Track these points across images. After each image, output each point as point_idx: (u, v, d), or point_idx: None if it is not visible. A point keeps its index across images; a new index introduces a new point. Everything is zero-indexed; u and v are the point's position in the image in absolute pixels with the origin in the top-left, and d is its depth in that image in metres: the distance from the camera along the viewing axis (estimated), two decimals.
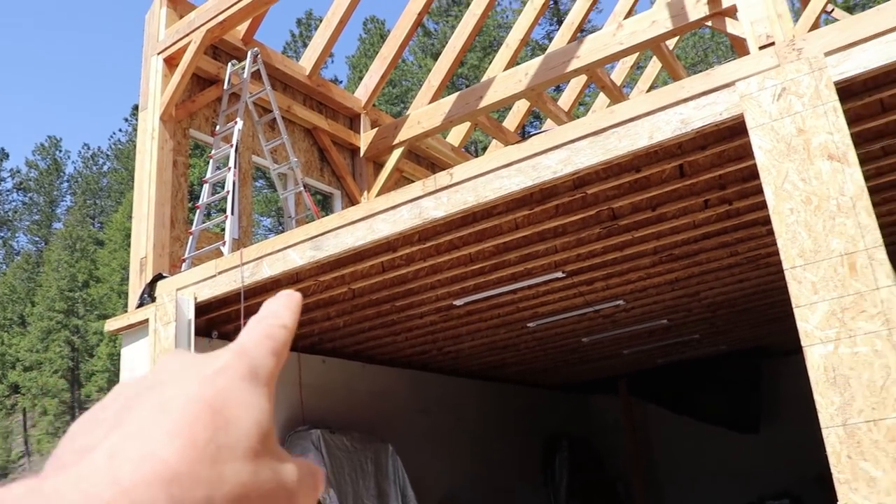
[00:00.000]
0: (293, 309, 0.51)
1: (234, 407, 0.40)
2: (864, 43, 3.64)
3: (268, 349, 0.46)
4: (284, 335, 0.48)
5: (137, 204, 7.28)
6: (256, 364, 0.44)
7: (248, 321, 0.49)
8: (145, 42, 7.95)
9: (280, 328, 0.48)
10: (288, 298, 0.51)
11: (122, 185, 50.14)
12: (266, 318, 0.49)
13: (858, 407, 3.28)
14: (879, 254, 3.39)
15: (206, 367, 0.43)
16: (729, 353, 12.10)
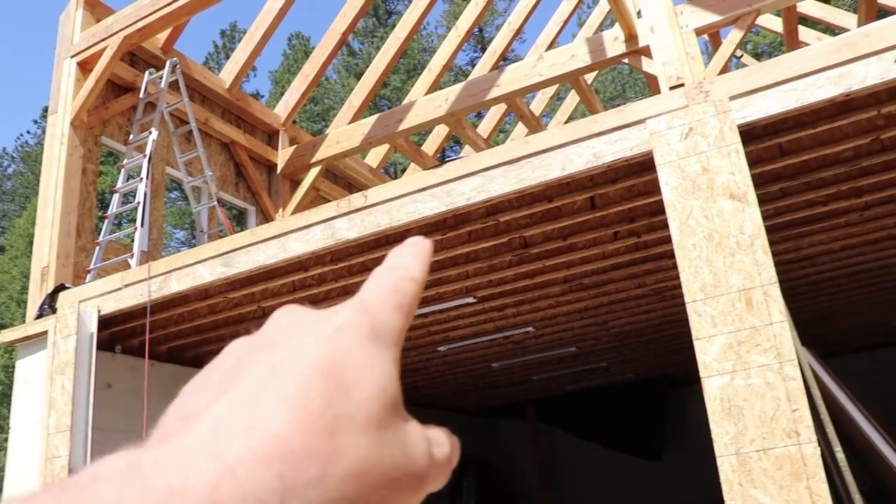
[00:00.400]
0: (423, 259, 0.45)
1: (355, 371, 0.36)
2: (765, 90, 3.82)
3: (394, 305, 0.41)
4: (413, 289, 0.42)
5: (42, 210, 7.05)
6: (381, 322, 0.39)
7: (374, 271, 0.44)
8: (59, 43, 7.74)
9: (408, 280, 0.43)
10: (417, 247, 0.46)
11: (27, 189, 48.35)
12: (393, 268, 0.43)
13: (750, 437, 3.41)
14: (774, 290, 3.55)
15: (323, 325, 0.39)
16: (636, 381, 12.36)
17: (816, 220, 5.59)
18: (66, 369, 5.74)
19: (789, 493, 3.26)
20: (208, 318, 6.44)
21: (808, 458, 3.27)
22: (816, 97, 3.73)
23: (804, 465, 3.27)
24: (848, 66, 3.69)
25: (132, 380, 6.66)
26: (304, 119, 36.48)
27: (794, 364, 3.42)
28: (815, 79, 3.75)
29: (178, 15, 7.05)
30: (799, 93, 3.78)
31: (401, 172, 29.39)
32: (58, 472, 5.45)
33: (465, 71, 35.52)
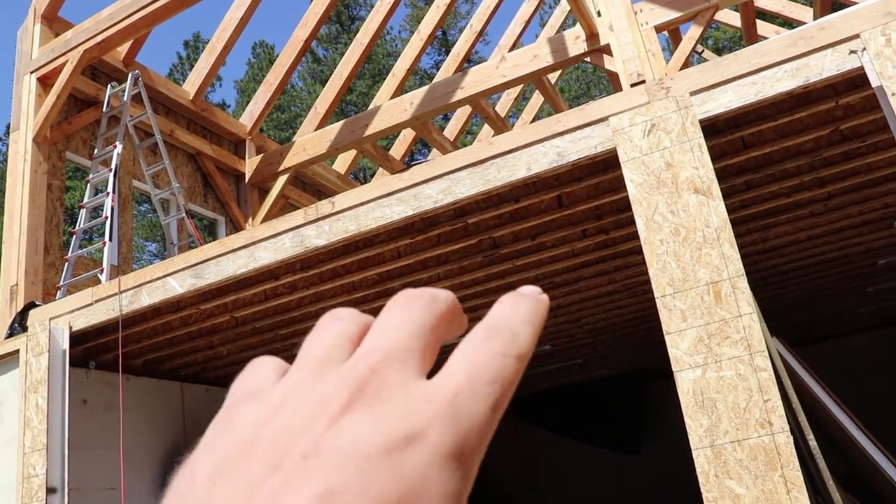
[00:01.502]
0: (537, 324, 0.36)
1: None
2: (725, 85, 3.86)
3: (489, 403, 0.32)
4: (516, 372, 0.33)
5: (8, 228, 6.96)
6: (468, 434, 0.30)
7: (472, 332, 0.34)
8: (17, 59, 7.64)
9: (513, 360, 0.33)
10: (533, 305, 0.36)
11: None
12: (498, 336, 0.34)
13: (724, 428, 3.44)
14: (741, 283, 3.59)
15: (383, 419, 0.29)
16: (612, 376, 12.44)
17: (781, 211, 5.66)
18: (40, 387, 5.68)
19: (764, 483, 3.30)
20: (182, 329, 6.40)
21: (782, 448, 3.31)
22: (775, 90, 3.78)
23: (778, 454, 3.31)
24: (805, 59, 3.74)
25: (108, 395, 6.60)
26: (271, 127, 36.33)
27: (765, 355, 3.46)
28: (774, 72, 3.81)
29: (138, 27, 6.99)
30: (758, 86, 3.83)
31: (370, 177, 29.35)
32: (35, 490, 5.38)
33: (430, 74, 35.56)
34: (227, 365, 7.77)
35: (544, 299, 0.38)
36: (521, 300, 0.37)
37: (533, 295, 0.37)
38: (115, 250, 6.89)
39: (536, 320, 0.36)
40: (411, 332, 0.33)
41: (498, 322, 0.35)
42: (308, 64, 39.17)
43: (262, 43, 40.32)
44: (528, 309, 0.36)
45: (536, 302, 0.37)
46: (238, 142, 10.01)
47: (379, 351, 0.32)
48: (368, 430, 0.28)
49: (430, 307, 0.35)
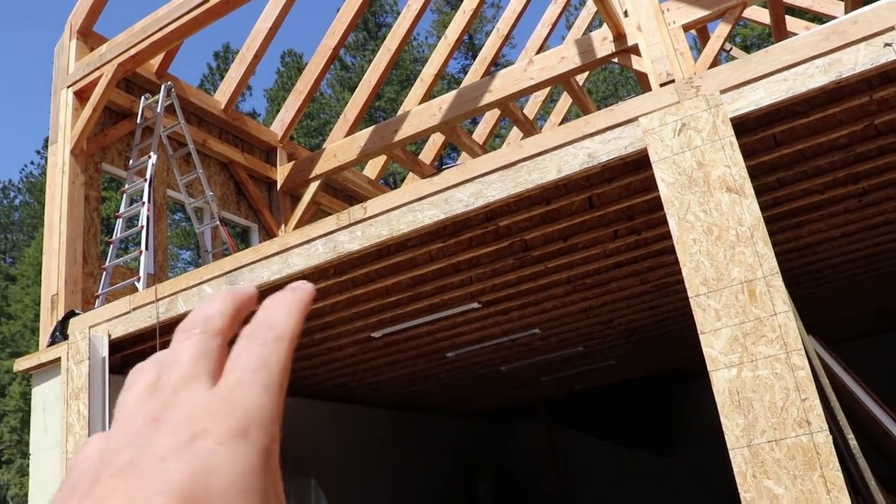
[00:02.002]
0: (295, 309, 0.43)
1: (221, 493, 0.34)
2: (755, 82, 3.85)
3: (261, 386, 0.38)
4: (282, 354, 0.40)
5: (48, 240, 7.10)
6: (248, 414, 0.37)
7: (240, 334, 0.41)
8: (55, 75, 7.80)
9: (274, 345, 0.40)
10: (293, 296, 0.43)
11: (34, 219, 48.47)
12: (256, 332, 0.41)
13: (761, 428, 3.42)
14: (776, 281, 3.57)
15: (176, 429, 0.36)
16: (644, 377, 12.37)
17: (815, 208, 5.61)
18: (81, 394, 5.78)
19: (804, 483, 3.27)
20: None
21: (821, 447, 3.28)
22: (807, 86, 3.76)
23: (817, 453, 3.29)
24: (837, 54, 3.72)
25: None
26: (301, 135, 36.58)
27: (801, 353, 3.44)
28: (805, 68, 3.78)
29: (170, 40, 7.10)
30: (790, 83, 3.80)
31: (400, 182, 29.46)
32: None
33: (458, 78, 35.61)
34: None
35: (302, 285, 0.45)
36: (279, 294, 0.44)
37: (294, 286, 0.44)
38: (151, 259, 7.00)
39: (294, 306, 0.43)
40: (192, 359, 0.40)
41: (257, 319, 0.42)
42: (336, 71, 39.42)
43: (291, 52, 40.64)
44: (285, 298, 0.43)
45: (293, 290, 0.44)
46: (269, 150, 10.11)
47: (170, 382, 0.39)
48: (165, 439, 0.36)
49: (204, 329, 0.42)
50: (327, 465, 9.01)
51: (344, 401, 9.88)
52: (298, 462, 8.41)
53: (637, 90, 28.76)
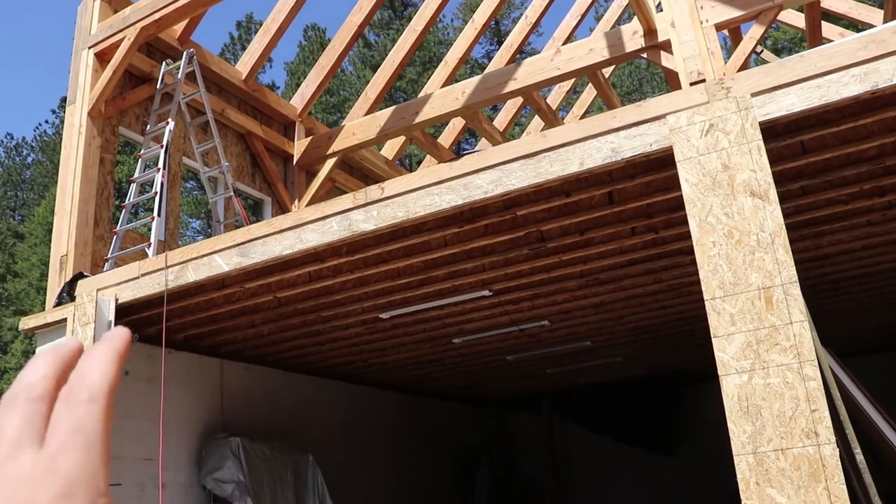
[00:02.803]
0: (110, 362, 0.44)
1: None
2: (787, 87, 3.77)
3: (80, 449, 0.40)
4: (96, 413, 0.41)
5: (60, 200, 7.08)
6: (69, 477, 0.39)
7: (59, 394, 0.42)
8: (76, 34, 7.75)
9: (89, 405, 0.42)
10: (105, 347, 0.44)
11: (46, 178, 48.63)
12: (72, 394, 0.42)
13: (768, 436, 3.38)
14: (794, 289, 3.51)
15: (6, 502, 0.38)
16: (651, 376, 12.33)
17: (837, 218, 5.53)
18: None
19: (807, 494, 3.23)
20: (224, 307, 6.45)
21: (827, 459, 3.24)
22: (841, 95, 3.68)
23: (823, 465, 3.24)
24: (875, 63, 3.64)
25: (150, 367, 6.70)
26: (319, 110, 36.53)
27: (814, 364, 3.39)
28: (841, 76, 3.71)
29: (195, 6, 7.05)
30: (823, 90, 3.73)
31: (416, 164, 29.38)
32: None
33: (482, 64, 35.45)
34: (267, 344, 7.83)
35: (117, 333, 0.46)
36: (94, 349, 0.44)
37: (108, 336, 0.45)
38: (162, 226, 6.98)
39: (110, 357, 0.44)
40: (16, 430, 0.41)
41: (72, 381, 0.43)
42: (359, 49, 39.30)
43: (315, 26, 40.53)
44: (100, 353, 0.44)
45: (110, 341, 0.45)
46: (288, 124, 10.06)
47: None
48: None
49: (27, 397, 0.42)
50: (327, 443, 9.02)
51: (347, 379, 9.88)
52: (298, 438, 8.42)
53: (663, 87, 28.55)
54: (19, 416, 0.42)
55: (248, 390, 8.16)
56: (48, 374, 0.44)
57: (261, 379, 8.41)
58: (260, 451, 7.53)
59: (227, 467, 7.09)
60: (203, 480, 7.15)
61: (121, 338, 0.45)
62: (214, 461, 7.16)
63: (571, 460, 13.97)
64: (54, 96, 76.58)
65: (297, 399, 8.95)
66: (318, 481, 8.19)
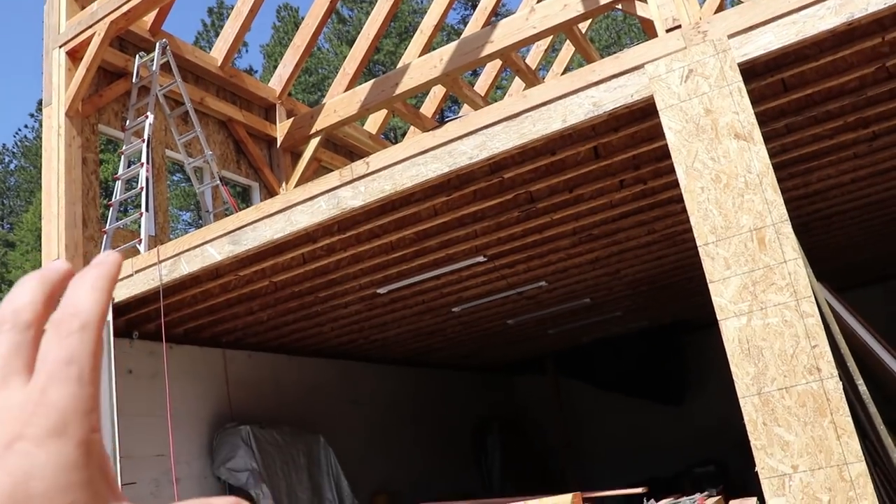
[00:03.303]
0: (101, 287, 0.42)
1: (43, 493, 0.34)
2: (764, 26, 3.75)
3: (73, 380, 0.38)
4: (89, 342, 0.40)
5: (46, 204, 7.04)
6: (62, 410, 0.37)
7: (49, 320, 0.41)
8: (45, 34, 7.66)
9: (81, 334, 0.40)
10: (95, 273, 0.42)
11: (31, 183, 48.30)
12: (62, 322, 0.40)
13: (772, 376, 3.40)
14: (786, 228, 3.52)
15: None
16: (652, 328, 12.37)
17: (824, 153, 5.52)
18: None
19: (814, 429, 3.26)
20: (221, 297, 6.45)
21: (831, 394, 3.26)
22: (817, 28, 3.66)
23: (827, 400, 3.27)
24: None
25: (152, 364, 6.71)
26: (299, 91, 36.27)
27: (811, 300, 3.40)
28: (816, 10, 3.68)
29: None
30: (799, 25, 3.71)
31: (401, 136, 29.25)
32: None
33: (458, 30, 35.16)
34: (267, 330, 7.84)
35: (110, 258, 0.43)
36: (85, 272, 0.42)
37: (98, 261, 0.43)
38: (151, 221, 6.94)
39: (101, 283, 0.41)
40: (4, 358, 0.39)
41: (62, 307, 0.41)
42: (334, 25, 38.95)
43: (287, 6, 40.13)
44: (90, 277, 0.42)
45: (100, 266, 0.42)
46: (268, 107, 9.99)
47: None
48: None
49: (15, 323, 0.41)
50: (337, 423, 9.06)
51: (351, 358, 9.90)
52: (307, 420, 8.46)
53: (641, 38, 28.39)
54: (6, 343, 0.40)
55: (254, 378, 8.18)
56: (36, 300, 0.42)
57: (265, 365, 8.43)
58: (271, 436, 7.57)
59: (240, 456, 7.13)
60: (216, 471, 7.19)
61: (111, 262, 0.43)
62: (226, 451, 7.19)
63: (580, 418, 14.06)
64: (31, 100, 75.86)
65: (303, 382, 8.98)
66: (332, 461, 8.24)
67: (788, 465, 3.29)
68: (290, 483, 7.55)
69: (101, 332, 0.40)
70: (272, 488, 7.18)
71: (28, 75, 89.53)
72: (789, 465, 3.29)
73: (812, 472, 3.22)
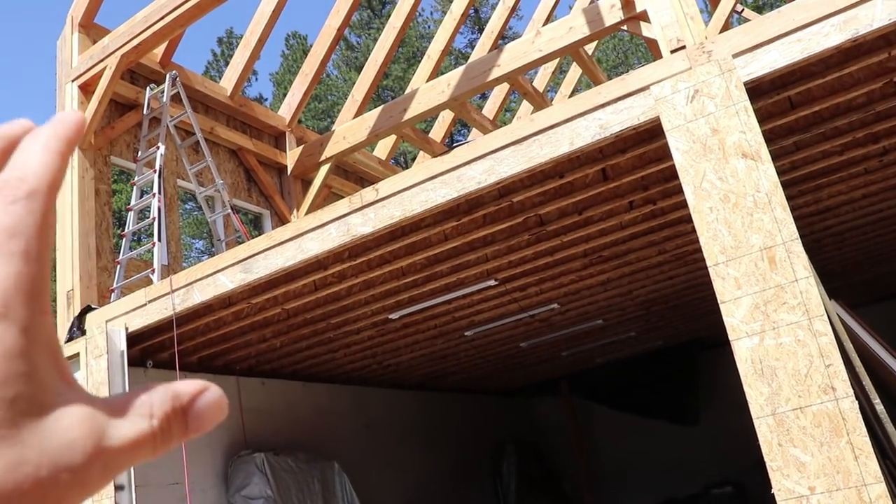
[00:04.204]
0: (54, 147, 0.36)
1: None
2: (768, 45, 3.75)
3: (17, 256, 0.33)
4: (37, 210, 0.34)
5: (60, 236, 7.10)
6: (3, 290, 0.33)
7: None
8: (58, 69, 7.76)
9: (27, 202, 0.34)
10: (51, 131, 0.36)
11: None
12: (7, 185, 0.34)
13: (786, 396, 3.37)
14: (796, 246, 3.50)
15: None
16: (666, 347, 12.30)
17: (834, 170, 5.51)
18: (101, 388, 5.80)
19: (830, 450, 3.22)
20: (234, 324, 6.46)
21: (847, 413, 3.23)
22: (823, 45, 3.66)
23: (843, 420, 3.23)
24: (853, 11, 3.61)
25: None
26: (309, 118, 36.49)
27: (824, 319, 3.38)
28: (821, 27, 3.68)
29: (172, 28, 7.05)
30: (804, 43, 3.71)
31: (411, 161, 29.36)
32: (105, 490, 5.51)
33: (465, 54, 35.37)
34: (281, 357, 7.84)
35: (70, 116, 0.37)
36: (39, 131, 0.36)
37: (56, 119, 0.36)
38: (164, 250, 6.98)
39: (57, 144, 0.35)
40: None
41: (9, 166, 0.35)
42: (342, 52, 39.23)
43: (295, 34, 40.45)
44: (45, 136, 0.35)
45: (57, 124, 0.36)
46: (278, 135, 10.06)
47: None
48: None
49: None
50: (351, 449, 9.04)
51: (365, 383, 9.88)
52: (322, 446, 8.44)
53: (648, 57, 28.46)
54: None
55: (267, 405, 8.17)
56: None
57: (278, 392, 8.42)
58: (285, 463, 7.55)
59: (255, 483, 7.11)
60: (232, 499, 7.17)
61: (71, 120, 0.37)
62: (241, 478, 7.18)
63: (597, 439, 13.98)
64: None
65: (317, 408, 8.96)
66: (346, 487, 8.21)
67: (805, 486, 3.25)
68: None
69: (51, 201, 0.35)
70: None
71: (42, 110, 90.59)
72: (806, 487, 3.25)
73: (830, 493, 3.19)
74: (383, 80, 35.00)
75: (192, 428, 0.37)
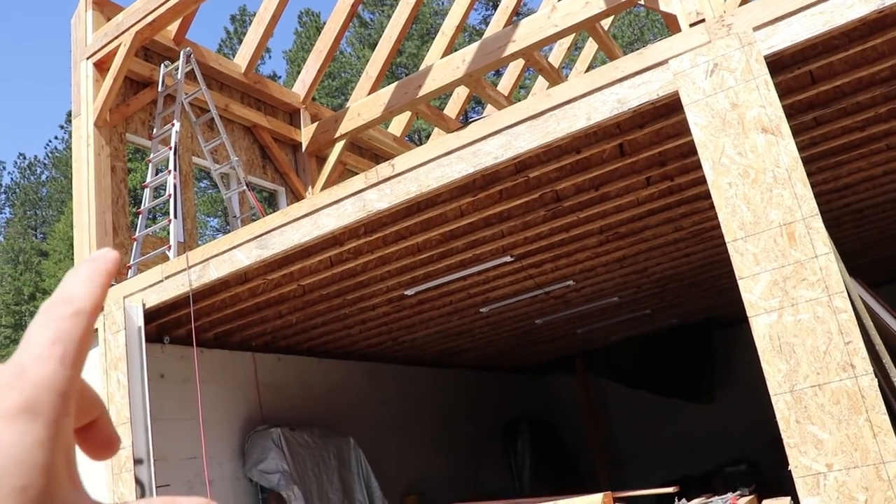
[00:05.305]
0: (97, 280, 0.42)
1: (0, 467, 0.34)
2: (790, 17, 3.69)
3: (56, 360, 0.38)
4: (79, 327, 0.39)
5: (77, 213, 7.13)
6: (37, 390, 0.36)
7: (41, 307, 0.41)
8: (73, 47, 7.76)
9: (71, 319, 0.39)
10: (92, 266, 0.42)
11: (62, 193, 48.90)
12: (54, 306, 0.40)
13: (804, 373, 3.35)
14: (816, 223, 3.46)
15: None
16: (681, 325, 12.27)
17: (854, 146, 5.44)
18: (120, 364, 5.84)
19: (848, 427, 3.21)
20: (250, 301, 6.48)
21: (866, 391, 3.20)
22: (846, 18, 3.60)
23: (862, 397, 3.21)
24: None
25: (183, 368, 6.77)
26: (323, 95, 36.42)
27: (844, 296, 3.35)
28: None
29: (186, 4, 7.03)
30: (827, 15, 3.65)
31: (425, 138, 29.27)
32: (123, 462, 5.58)
33: (480, 30, 35.12)
34: (296, 333, 7.87)
35: (107, 255, 0.43)
36: (80, 266, 0.42)
37: (94, 257, 0.42)
38: (180, 227, 7.00)
39: (96, 275, 0.41)
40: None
41: (56, 293, 0.40)
42: (356, 29, 39.06)
43: (308, 11, 40.31)
44: (86, 269, 0.41)
45: (94, 261, 0.42)
46: (292, 112, 10.04)
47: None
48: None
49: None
50: (366, 425, 9.09)
51: (379, 360, 9.92)
52: (337, 422, 8.49)
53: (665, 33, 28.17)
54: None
55: (284, 381, 8.22)
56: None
57: (294, 368, 8.47)
58: (301, 439, 7.60)
59: (271, 458, 7.16)
60: (248, 473, 7.23)
61: (108, 258, 0.43)
62: (258, 453, 7.23)
63: (611, 417, 13.99)
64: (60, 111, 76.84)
65: (333, 384, 9.01)
66: (362, 463, 8.26)
67: (823, 463, 3.24)
68: (320, 484, 7.58)
69: (92, 321, 0.40)
70: (303, 490, 7.21)
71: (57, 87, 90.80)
72: (823, 464, 3.24)
73: (847, 470, 3.17)
74: (397, 57, 34.84)
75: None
